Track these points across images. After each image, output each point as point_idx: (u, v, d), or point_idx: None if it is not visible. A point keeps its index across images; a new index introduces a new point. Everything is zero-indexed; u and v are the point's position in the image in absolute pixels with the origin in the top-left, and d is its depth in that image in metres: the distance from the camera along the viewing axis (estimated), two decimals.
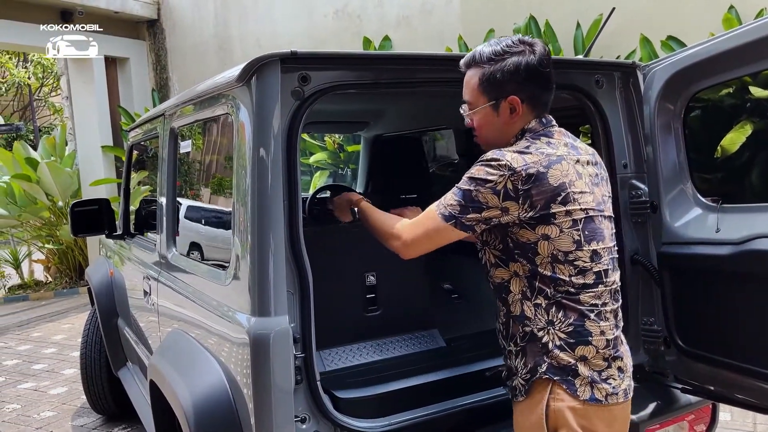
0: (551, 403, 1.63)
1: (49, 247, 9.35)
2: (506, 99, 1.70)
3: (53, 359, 5.89)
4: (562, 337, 1.63)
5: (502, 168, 1.60)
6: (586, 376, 1.63)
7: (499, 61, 1.68)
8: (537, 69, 1.69)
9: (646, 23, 5.29)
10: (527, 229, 1.63)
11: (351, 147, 6.63)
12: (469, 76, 1.75)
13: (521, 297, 1.68)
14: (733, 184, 3.97)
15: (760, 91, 3.95)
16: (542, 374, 1.64)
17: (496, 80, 1.69)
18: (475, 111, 1.75)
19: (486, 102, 1.72)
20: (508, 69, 1.67)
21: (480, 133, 1.78)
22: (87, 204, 3.65)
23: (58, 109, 19.98)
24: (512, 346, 1.73)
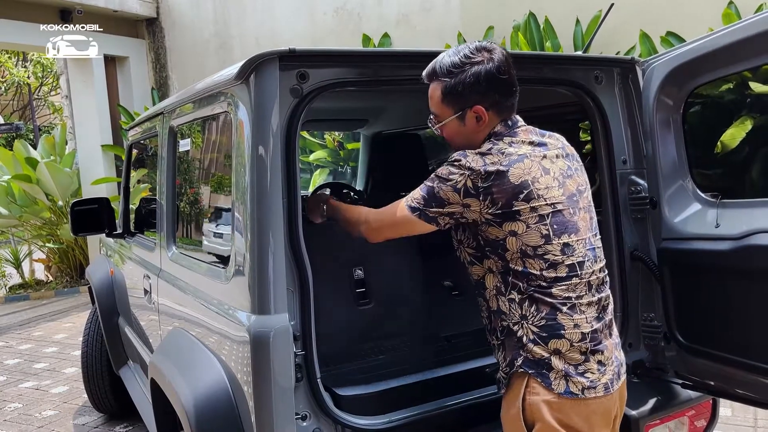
0: (527, 397, 1.66)
1: (49, 247, 9.35)
2: (471, 109, 1.74)
3: (54, 358, 5.89)
4: (535, 331, 1.66)
5: (462, 168, 1.67)
6: (560, 369, 1.64)
7: (459, 73, 1.71)
8: (497, 76, 1.71)
9: (645, 19, 5.28)
10: (494, 227, 1.67)
11: (351, 144, 6.62)
12: (433, 90, 1.79)
13: (496, 292, 1.72)
14: (732, 180, 3.96)
15: (760, 87, 3.95)
16: (518, 368, 1.67)
17: (459, 92, 1.73)
18: (443, 123, 1.80)
19: (452, 114, 1.77)
20: (469, 80, 1.71)
21: (451, 141, 1.84)
22: (87, 203, 3.65)
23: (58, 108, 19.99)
24: (494, 340, 1.77)
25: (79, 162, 9.25)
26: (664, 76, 2.14)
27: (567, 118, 3.23)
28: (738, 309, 2.00)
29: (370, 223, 1.86)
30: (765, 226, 1.85)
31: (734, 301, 2.01)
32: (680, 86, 2.14)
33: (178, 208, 2.62)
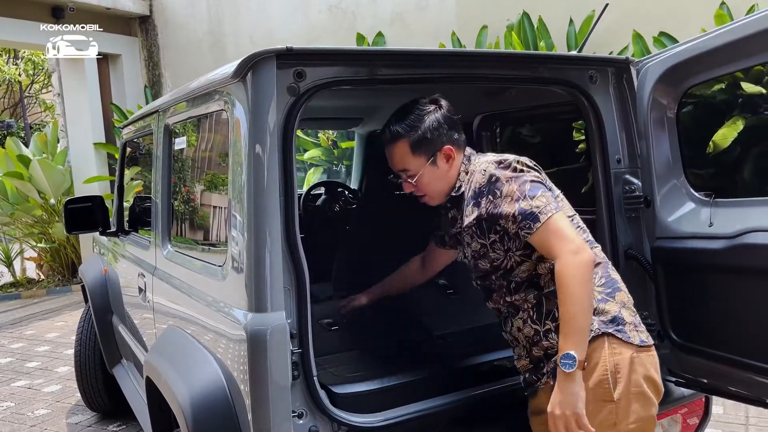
0: (611, 359, 1.71)
1: (41, 245, 9.30)
2: (440, 151, 1.91)
3: (47, 357, 5.87)
4: (600, 290, 1.76)
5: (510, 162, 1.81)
6: (630, 321, 1.76)
7: (420, 125, 1.89)
8: (450, 117, 1.93)
9: (638, 19, 5.31)
10: None
11: (345, 143, 6.62)
12: (397, 149, 1.92)
13: (551, 276, 1.76)
14: (724, 179, 3.99)
15: (751, 87, 3.98)
16: (596, 332, 1.72)
17: (427, 140, 1.89)
18: (420, 174, 1.91)
19: (425, 162, 1.90)
20: (432, 127, 1.89)
21: (427, 191, 1.96)
22: (81, 201, 3.63)
23: (49, 106, 19.88)
24: (549, 323, 1.79)
25: (71, 160, 9.20)
26: (659, 76, 2.15)
27: (561, 117, 3.25)
28: (731, 307, 2.02)
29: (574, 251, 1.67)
30: (758, 225, 1.87)
31: (727, 300, 2.02)
32: (674, 86, 2.16)
33: (173, 207, 2.62)
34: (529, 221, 1.72)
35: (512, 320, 1.90)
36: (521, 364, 1.90)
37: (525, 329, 1.85)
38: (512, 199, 1.75)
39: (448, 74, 2.08)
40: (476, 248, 1.90)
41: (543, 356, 1.82)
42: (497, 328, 2.25)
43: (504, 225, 1.79)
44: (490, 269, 1.89)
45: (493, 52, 2.40)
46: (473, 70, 2.11)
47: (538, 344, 1.83)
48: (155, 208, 2.69)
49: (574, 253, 1.66)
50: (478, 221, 1.85)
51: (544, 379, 1.82)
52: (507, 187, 1.77)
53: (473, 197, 1.86)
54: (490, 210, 1.80)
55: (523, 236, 1.76)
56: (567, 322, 1.66)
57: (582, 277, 1.65)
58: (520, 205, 1.73)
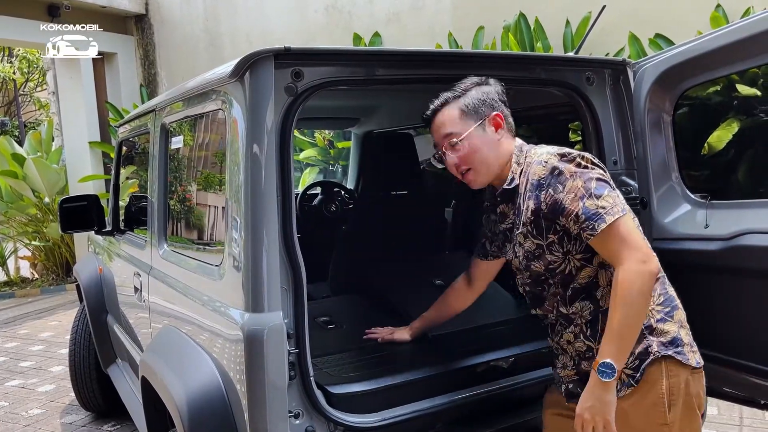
0: (667, 381, 1.65)
1: (35, 244, 9.26)
2: (490, 117, 1.81)
3: (41, 356, 5.85)
4: (659, 309, 1.68)
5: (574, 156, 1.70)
6: (687, 342, 1.70)
7: (470, 91, 1.83)
8: (500, 95, 1.86)
9: (634, 21, 5.32)
10: None
11: (341, 143, 6.62)
12: (445, 114, 1.84)
13: (610, 287, 1.66)
14: (719, 181, 4.01)
15: (746, 89, 3.99)
16: (656, 355, 1.65)
17: (475, 104, 1.81)
18: (467, 135, 1.80)
19: (474, 124, 1.81)
20: (482, 95, 1.83)
21: (473, 160, 1.81)
22: (76, 200, 3.62)
23: (44, 104, 19.79)
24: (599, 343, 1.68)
25: (66, 159, 9.16)
26: (655, 78, 2.17)
27: (558, 118, 3.26)
28: (726, 308, 2.03)
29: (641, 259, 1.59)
30: (754, 227, 1.88)
31: (723, 301, 2.04)
32: (671, 88, 2.17)
33: (169, 206, 2.61)
34: (592, 222, 1.61)
35: (563, 332, 1.81)
36: (565, 373, 1.84)
37: (576, 344, 1.77)
38: (576, 196, 1.63)
39: (445, 75, 2.08)
40: (530, 248, 1.77)
41: None
42: (494, 328, 2.26)
43: (564, 224, 1.67)
44: (544, 272, 1.77)
45: (490, 52, 2.41)
46: (471, 71, 2.11)
47: (589, 360, 1.74)
48: (151, 208, 2.68)
49: (640, 261, 1.57)
50: (536, 216, 1.72)
51: None
52: (571, 182, 1.65)
53: (531, 189, 1.73)
54: (551, 205, 1.67)
55: (585, 238, 1.65)
56: (615, 330, 1.58)
57: (642, 288, 1.56)
58: (585, 204, 1.62)
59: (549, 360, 2.20)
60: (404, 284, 2.87)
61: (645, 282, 1.57)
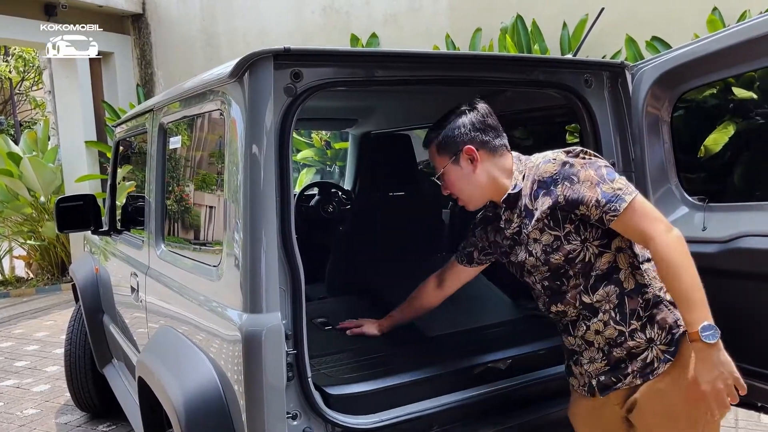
0: None
1: (30, 244, 9.23)
2: (462, 151, 1.89)
3: (36, 356, 5.83)
4: None
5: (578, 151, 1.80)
6: None
7: (446, 125, 1.93)
8: (481, 121, 1.91)
9: (631, 23, 5.34)
10: None
11: (338, 144, 6.62)
12: (430, 150, 1.97)
13: (631, 269, 1.77)
14: (716, 183, 4.02)
15: (742, 92, 4.00)
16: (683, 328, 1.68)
17: (446, 142, 1.91)
18: (442, 172, 1.93)
19: (448, 160, 1.91)
20: (452, 131, 1.91)
21: (455, 191, 1.95)
22: (73, 200, 3.61)
23: (40, 103, 19.72)
24: (635, 322, 1.76)
25: (62, 158, 9.14)
26: (653, 80, 2.17)
27: (556, 120, 3.27)
28: (724, 311, 2.02)
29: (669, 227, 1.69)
30: (751, 230, 1.89)
31: (720, 303, 2.03)
32: (669, 91, 2.17)
33: (167, 206, 2.61)
34: (613, 204, 1.69)
35: (586, 323, 1.82)
36: (594, 367, 1.84)
37: (606, 331, 1.79)
38: (592, 184, 1.71)
39: (443, 76, 2.08)
40: (548, 241, 1.80)
41: (626, 356, 1.77)
42: (492, 329, 2.26)
43: (583, 212, 1.73)
44: (564, 264, 1.80)
45: (488, 54, 2.41)
46: (469, 73, 2.12)
47: (621, 345, 1.78)
48: (149, 208, 2.68)
49: (668, 230, 1.66)
50: (552, 210, 1.77)
51: (628, 380, 1.78)
52: (584, 172, 1.74)
53: (543, 187, 1.80)
54: (569, 196, 1.73)
55: (607, 221, 1.70)
56: (688, 295, 1.62)
57: (685, 251, 1.64)
58: (602, 189, 1.70)
59: (546, 361, 2.22)
60: (401, 285, 2.86)
61: (684, 245, 1.65)
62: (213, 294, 1.97)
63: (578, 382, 1.93)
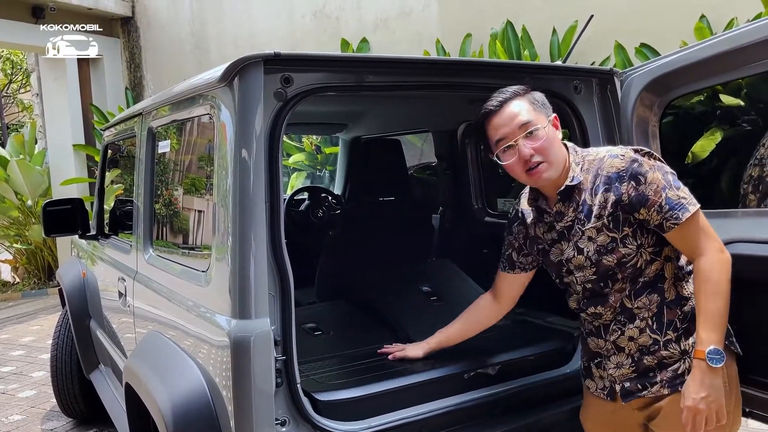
0: (725, 370, 1.68)
1: (17, 247, 9.15)
2: (553, 116, 1.82)
3: (21, 362, 5.76)
4: None
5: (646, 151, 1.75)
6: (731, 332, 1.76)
7: (530, 91, 1.83)
8: None
9: (620, 30, 5.37)
10: None
11: (328, 149, 6.62)
12: (518, 105, 1.78)
13: (674, 279, 1.77)
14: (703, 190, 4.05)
15: (730, 99, 4.04)
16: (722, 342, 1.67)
17: (543, 102, 1.82)
18: (545, 127, 1.77)
19: (546, 118, 1.79)
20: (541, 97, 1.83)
21: (549, 153, 1.77)
22: (60, 203, 3.58)
23: (27, 106, 19.58)
24: (671, 333, 1.76)
25: (49, 161, 9.08)
26: (642, 87, 2.18)
27: None
28: None
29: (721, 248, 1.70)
30: (740, 236, 1.90)
31: None
32: (657, 98, 2.19)
33: (155, 210, 2.59)
34: (677, 212, 1.66)
35: (621, 328, 1.81)
36: (620, 372, 1.83)
37: (641, 338, 1.78)
38: (658, 188, 1.68)
39: (434, 82, 2.09)
40: (604, 242, 1.75)
41: (656, 366, 1.77)
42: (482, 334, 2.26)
43: (644, 215, 1.70)
44: (614, 267, 1.76)
45: (479, 61, 2.42)
46: (459, 79, 2.12)
47: (654, 354, 1.77)
48: (137, 212, 2.66)
49: (720, 251, 1.67)
50: (614, 208, 1.73)
51: (655, 389, 1.77)
52: (652, 174, 1.69)
53: (608, 182, 1.74)
54: (633, 196, 1.70)
55: (668, 227, 1.68)
56: (715, 317, 1.64)
57: (728, 276, 1.66)
58: (667, 194, 1.67)
59: (536, 367, 2.22)
60: (391, 290, 2.87)
61: (729, 269, 1.67)
62: (201, 299, 1.95)
63: (596, 385, 1.91)
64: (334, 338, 2.59)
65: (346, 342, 2.56)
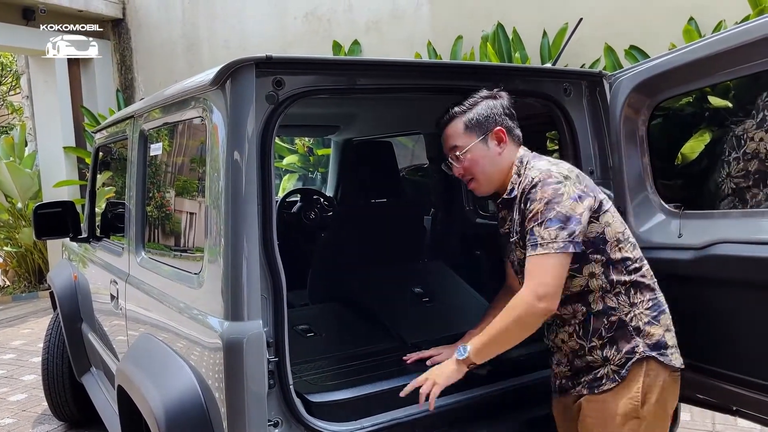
0: (645, 379, 1.78)
1: (7, 250, 9.09)
2: (492, 132, 1.92)
3: (12, 365, 5.73)
4: (647, 312, 1.80)
5: (562, 181, 1.77)
6: (672, 344, 1.81)
7: (476, 106, 1.94)
8: (508, 108, 1.97)
9: (609, 33, 5.41)
10: (594, 223, 1.81)
11: (321, 150, 6.62)
12: (452, 128, 1.95)
13: (602, 293, 1.83)
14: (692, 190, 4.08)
15: (718, 101, 4.07)
16: (641, 355, 1.77)
17: (479, 120, 1.93)
18: (468, 149, 1.92)
19: (476, 139, 1.92)
20: (486, 110, 1.93)
21: (475, 172, 1.94)
22: (51, 206, 3.57)
23: (17, 108, 19.44)
24: (596, 341, 1.84)
25: (39, 164, 9.02)
26: (631, 90, 2.21)
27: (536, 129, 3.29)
28: (699, 316, 2.06)
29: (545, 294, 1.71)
30: (725, 237, 1.93)
31: (695, 309, 2.07)
32: (645, 100, 2.21)
33: (147, 213, 2.59)
34: (529, 246, 1.76)
35: (558, 330, 1.93)
36: (560, 369, 1.95)
37: (570, 342, 1.89)
38: (531, 218, 1.77)
39: (425, 85, 2.10)
40: (521, 257, 1.87)
41: (585, 368, 1.88)
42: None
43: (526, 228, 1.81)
44: None
45: (469, 64, 2.44)
46: (450, 82, 2.14)
47: (581, 357, 1.88)
48: (129, 215, 2.66)
49: (537, 296, 1.70)
50: (521, 227, 1.86)
51: (578, 389, 1.89)
52: (536, 204, 1.77)
53: (519, 201, 1.87)
54: (523, 217, 1.83)
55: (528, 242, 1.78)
56: (490, 335, 1.77)
57: (521, 317, 1.72)
58: (533, 228, 1.76)
59: (528, 366, 2.24)
60: (384, 292, 2.88)
61: (528, 314, 1.72)
62: (194, 301, 1.96)
63: (551, 380, 2.03)
64: (326, 340, 2.59)
65: (339, 343, 2.57)
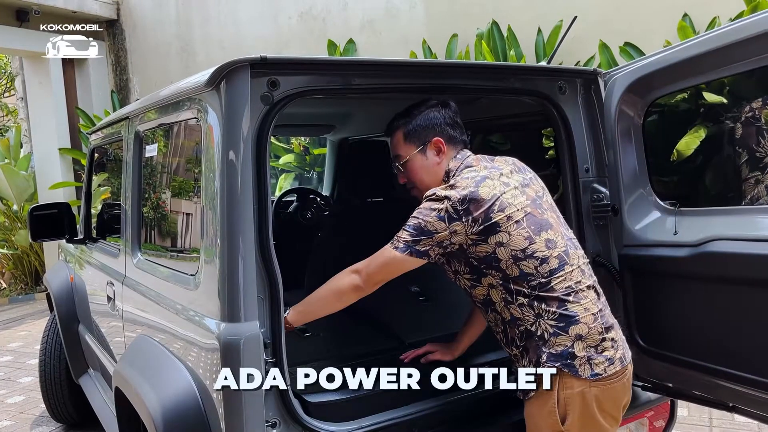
0: (561, 392, 1.77)
1: (3, 252, 9.07)
2: (431, 142, 1.99)
3: (9, 367, 5.72)
4: (552, 324, 1.78)
5: (439, 199, 1.83)
6: (583, 355, 1.77)
7: (417, 116, 2.01)
8: (451, 118, 2.03)
9: (604, 30, 5.42)
10: (482, 244, 1.81)
11: (317, 150, 6.62)
12: (395, 138, 2.05)
13: (505, 303, 1.85)
14: (688, 187, 4.09)
15: (713, 97, 4.08)
16: (544, 364, 1.78)
17: (417, 131, 2.00)
18: (408, 160, 2.01)
19: (415, 149, 2.00)
20: (425, 120, 2.00)
21: (415, 180, 2.03)
22: (47, 208, 3.56)
23: (12, 110, 19.39)
24: (515, 349, 1.88)
25: (35, 165, 9.00)
26: (626, 87, 2.20)
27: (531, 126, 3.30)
28: (695, 313, 2.07)
29: (360, 272, 1.89)
30: (720, 234, 1.93)
31: (691, 306, 2.08)
32: (641, 97, 2.21)
33: (143, 214, 2.59)
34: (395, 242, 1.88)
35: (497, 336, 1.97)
36: None
37: (505, 349, 1.95)
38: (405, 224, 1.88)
39: (420, 84, 2.10)
40: None
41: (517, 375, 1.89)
42: None
43: None
44: None
45: (464, 63, 2.44)
46: (445, 81, 2.14)
47: (514, 364, 1.91)
48: (125, 216, 2.66)
49: (356, 274, 1.88)
50: None
51: (518, 393, 1.91)
52: (415, 212, 1.87)
53: None
54: None
55: None
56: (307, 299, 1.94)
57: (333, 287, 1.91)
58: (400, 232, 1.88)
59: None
60: (380, 291, 2.87)
61: (340, 287, 1.90)
62: (190, 303, 1.96)
63: None
64: (323, 340, 2.60)
65: (336, 343, 2.57)
